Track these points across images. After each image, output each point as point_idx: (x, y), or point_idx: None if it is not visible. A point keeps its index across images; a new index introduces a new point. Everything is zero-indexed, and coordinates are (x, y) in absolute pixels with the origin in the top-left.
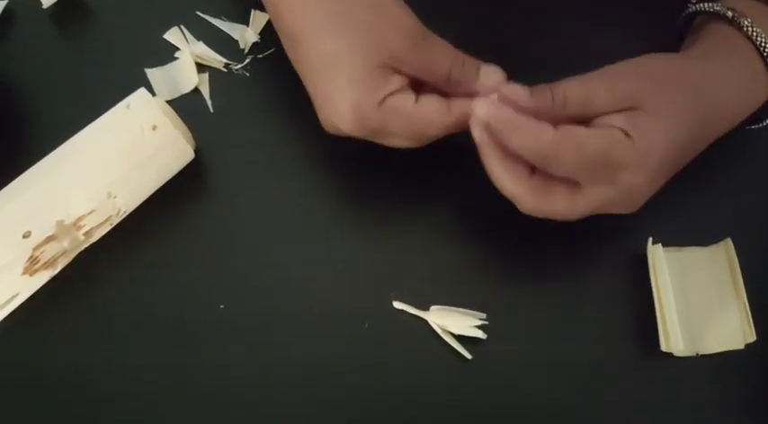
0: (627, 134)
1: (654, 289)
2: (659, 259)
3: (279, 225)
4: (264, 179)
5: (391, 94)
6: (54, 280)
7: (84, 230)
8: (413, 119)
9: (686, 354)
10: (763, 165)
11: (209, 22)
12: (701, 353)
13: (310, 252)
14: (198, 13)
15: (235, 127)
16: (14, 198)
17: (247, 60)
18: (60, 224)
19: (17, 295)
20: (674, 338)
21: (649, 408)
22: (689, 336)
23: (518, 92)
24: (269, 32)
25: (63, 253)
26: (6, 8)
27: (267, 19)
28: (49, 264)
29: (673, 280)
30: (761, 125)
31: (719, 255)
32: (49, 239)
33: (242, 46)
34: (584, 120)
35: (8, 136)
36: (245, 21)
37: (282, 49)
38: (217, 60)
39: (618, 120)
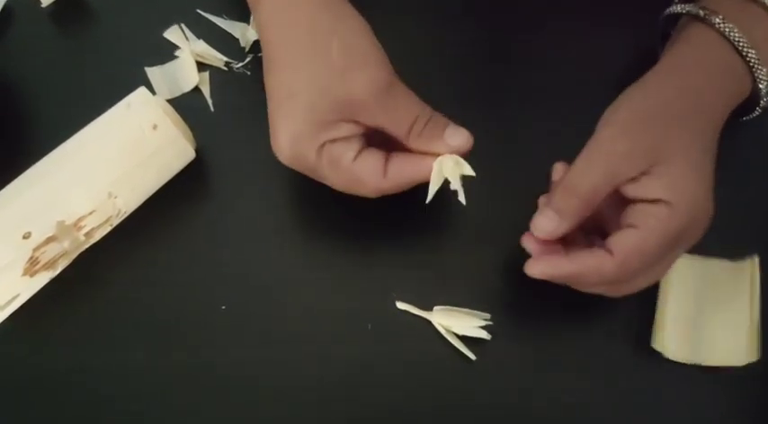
0: (666, 203)
1: (661, 284)
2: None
3: (280, 225)
4: (266, 178)
5: (333, 142)
6: (54, 281)
7: (84, 230)
8: (346, 175)
9: (680, 359)
10: None
11: (210, 21)
12: (700, 363)
13: (312, 252)
14: (198, 11)
15: (236, 125)
16: (14, 199)
17: (248, 59)
18: (61, 224)
19: (18, 296)
20: (667, 337)
21: (651, 410)
22: (690, 343)
23: (551, 229)
24: None
25: (63, 254)
26: (5, 7)
27: None
28: (49, 265)
29: (690, 287)
30: (753, 115)
31: (743, 271)
32: (50, 240)
33: (243, 44)
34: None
35: (8, 136)
36: (245, 19)
37: None
38: (217, 59)
39: (653, 190)
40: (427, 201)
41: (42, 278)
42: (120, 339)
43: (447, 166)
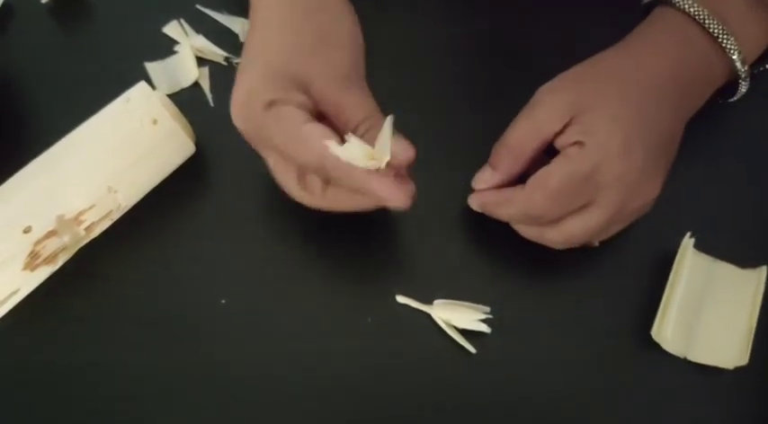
0: (579, 143)
1: (671, 276)
2: (687, 251)
3: (280, 220)
4: (266, 172)
5: (283, 103)
6: (55, 276)
7: (84, 225)
8: (292, 135)
9: (674, 351)
10: None
11: (209, 16)
12: (689, 359)
13: (312, 246)
14: (198, 6)
15: None
16: (15, 193)
17: None
18: (61, 218)
19: (18, 290)
20: (666, 328)
21: (651, 405)
22: (684, 337)
23: (485, 179)
24: None
25: (64, 249)
26: (5, 3)
27: None
28: (49, 259)
29: (694, 284)
30: (735, 97)
31: (750, 280)
32: (50, 234)
33: (242, 39)
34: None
35: (8, 132)
36: (244, 14)
37: None
38: (217, 54)
39: (570, 135)
40: None
41: (43, 273)
42: (121, 333)
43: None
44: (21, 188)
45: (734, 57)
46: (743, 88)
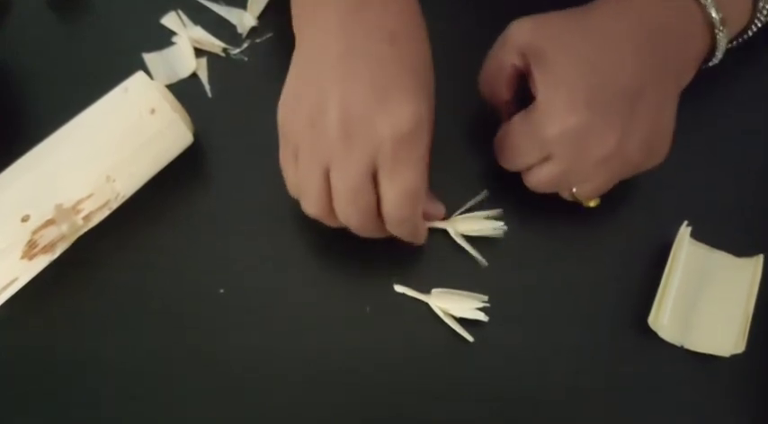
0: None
1: (668, 265)
2: (684, 240)
3: (278, 209)
4: (263, 163)
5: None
6: (53, 265)
7: (82, 214)
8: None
9: (670, 339)
10: None
11: (207, 7)
12: (685, 347)
13: (310, 236)
14: None
15: (233, 111)
16: (13, 183)
17: (245, 44)
18: (59, 208)
19: (16, 279)
20: (663, 315)
21: (648, 392)
22: (680, 324)
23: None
24: (267, 17)
25: (62, 238)
26: None
27: (265, 3)
28: (48, 248)
29: (691, 272)
30: (715, 61)
31: (747, 268)
32: (48, 223)
33: (240, 30)
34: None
35: (7, 122)
36: (242, 5)
37: (280, 33)
38: (215, 45)
39: (531, 72)
40: None
41: (41, 262)
42: (119, 322)
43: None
44: (19, 177)
45: (711, 12)
46: (721, 41)
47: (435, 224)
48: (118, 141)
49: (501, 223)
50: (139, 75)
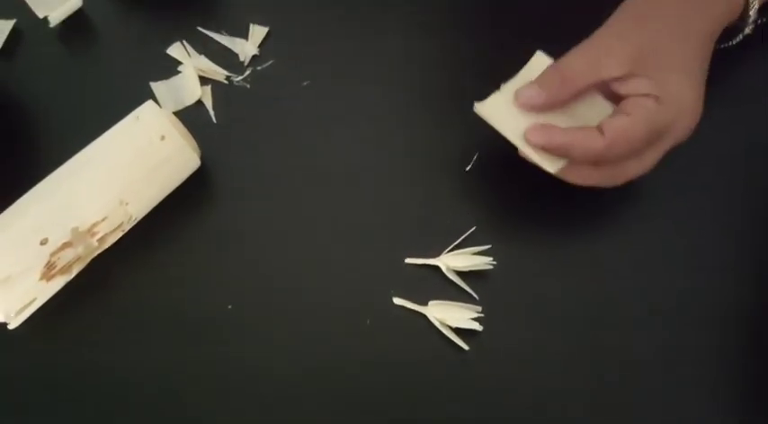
0: (656, 97)
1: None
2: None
3: (280, 229)
4: (265, 184)
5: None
6: (69, 285)
7: (98, 236)
8: None
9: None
10: None
11: (211, 37)
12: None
13: (311, 254)
14: (199, 28)
15: (237, 135)
16: (32, 207)
17: (247, 72)
18: (76, 231)
19: (35, 299)
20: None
21: (645, 400)
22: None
23: (528, 95)
24: (267, 45)
25: (78, 259)
26: (15, 28)
27: (266, 32)
28: (65, 269)
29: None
30: (731, 43)
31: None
32: (66, 245)
33: (242, 58)
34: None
35: (23, 150)
36: (244, 35)
37: (280, 61)
38: (218, 73)
39: (641, 87)
40: None
41: (58, 282)
42: (133, 339)
43: None
44: (37, 202)
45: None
46: (753, 5)
47: (427, 261)
48: (130, 166)
49: (490, 258)
50: (149, 104)
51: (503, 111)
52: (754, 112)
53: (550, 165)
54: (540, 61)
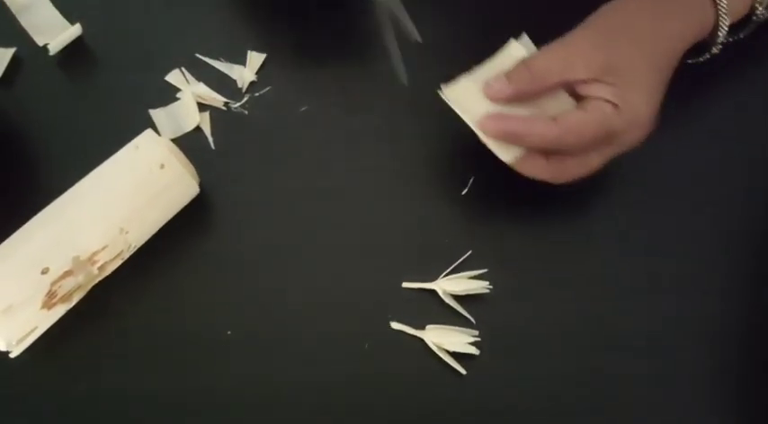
0: (614, 104)
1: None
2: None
3: (279, 254)
4: (264, 210)
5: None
6: (69, 312)
7: (98, 265)
8: None
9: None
10: None
11: (208, 64)
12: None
13: (310, 279)
14: (197, 55)
15: (235, 161)
16: (33, 237)
17: (245, 98)
18: (76, 259)
19: (36, 328)
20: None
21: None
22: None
23: (497, 88)
24: (265, 71)
25: (78, 287)
26: (15, 56)
27: (263, 59)
28: (65, 298)
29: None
30: (701, 59)
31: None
32: (66, 274)
33: (240, 85)
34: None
35: (23, 178)
36: (242, 61)
37: (278, 87)
38: (217, 99)
39: (602, 92)
40: None
41: (59, 311)
42: (133, 366)
43: None
44: (39, 231)
45: (722, 21)
46: (723, 27)
47: (423, 285)
48: (130, 195)
49: (486, 282)
50: (148, 133)
51: (468, 98)
52: (725, 127)
53: (505, 155)
54: (514, 50)
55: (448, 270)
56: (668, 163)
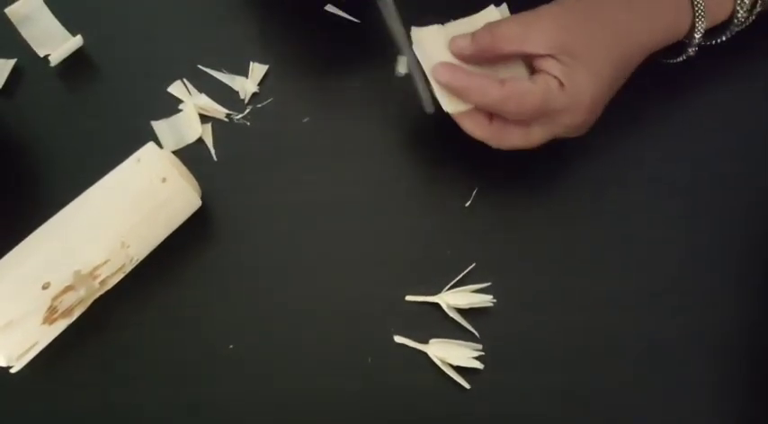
0: (561, 83)
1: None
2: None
3: (281, 266)
4: (266, 222)
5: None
6: (70, 326)
7: (99, 279)
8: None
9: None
10: None
11: (211, 75)
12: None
13: (310, 292)
14: (199, 66)
15: (237, 173)
16: (33, 252)
17: (248, 110)
18: (78, 274)
19: (36, 343)
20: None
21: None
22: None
23: (460, 45)
24: (267, 83)
25: (80, 302)
26: (16, 67)
27: (265, 70)
28: (66, 313)
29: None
30: (677, 60)
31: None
32: (67, 289)
33: (242, 96)
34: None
35: (24, 192)
36: (244, 73)
37: (280, 98)
38: (219, 111)
39: (553, 69)
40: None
41: (60, 326)
42: (134, 379)
43: None
44: (39, 246)
45: (698, 23)
46: (699, 30)
47: (427, 298)
48: (131, 209)
49: (490, 296)
50: (150, 146)
51: (432, 45)
52: (727, 128)
53: (450, 106)
54: (490, 14)
55: (451, 283)
56: (672, 168)
